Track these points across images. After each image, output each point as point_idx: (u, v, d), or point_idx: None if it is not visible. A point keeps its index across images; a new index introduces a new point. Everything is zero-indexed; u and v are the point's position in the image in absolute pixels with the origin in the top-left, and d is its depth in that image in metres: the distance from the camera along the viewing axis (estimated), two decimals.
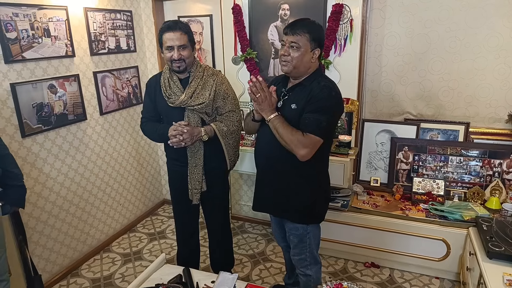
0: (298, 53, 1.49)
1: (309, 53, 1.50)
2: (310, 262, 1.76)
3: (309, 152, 1.48)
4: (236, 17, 2.53)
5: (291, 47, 1.49)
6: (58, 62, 2.28)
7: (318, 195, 1.67)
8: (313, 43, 1.49)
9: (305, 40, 1.47)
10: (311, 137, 1.47)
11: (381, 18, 2.45)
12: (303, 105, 1.51)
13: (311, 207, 1.66)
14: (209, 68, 1.91)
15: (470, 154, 2.39)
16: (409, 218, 2.27)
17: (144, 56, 3.07)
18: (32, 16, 2.08)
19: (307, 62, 1.52)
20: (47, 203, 2.30)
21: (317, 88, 1.50)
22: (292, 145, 1.48)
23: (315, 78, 1.55)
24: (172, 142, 1.77)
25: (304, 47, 1.48)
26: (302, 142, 1.47)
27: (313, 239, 1.74)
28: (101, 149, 2.69)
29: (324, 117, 1.47)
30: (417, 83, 2.50)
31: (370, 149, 2.66)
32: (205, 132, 1.82)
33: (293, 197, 1.64)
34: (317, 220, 1.72)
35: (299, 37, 1.47)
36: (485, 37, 2.26)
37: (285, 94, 1.60)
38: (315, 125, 1.46)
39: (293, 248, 1.76)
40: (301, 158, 1.50)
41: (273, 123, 1.52)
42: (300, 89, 1.56)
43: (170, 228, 3.04)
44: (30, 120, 2.13)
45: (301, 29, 1.48)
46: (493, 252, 1.73)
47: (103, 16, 2.58)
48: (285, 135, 1.49)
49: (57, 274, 2.40)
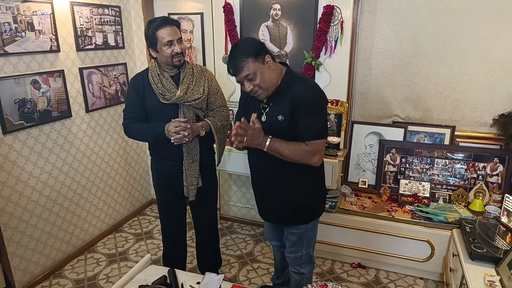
0: (258, 78, 1.42)
1: (264, 67, 1.44)
2: (305, 261, 1.76)
3: (320, 156, 1.49)
4: (227, 15, 2.51)
5: (249, 80, 1.43)
6: (42, 57, 2.22)
7: (315, 190, 1.68)
8: (259, 58, 1.42)
9: (251, 64, 1.41)
10: (316, 143, 1.46)
11: (371, 21, 2.47)
12: (290, 112, 1.45)
13: (311, 207, 1.67)
14: (196, 65, 1.93)
15: (456, 157, 2.44)
16: (395, 220, 2.30)
17: (133, 53, 3.01)
18: (15, 8, 2.01)
19: (271, 75, 1.46)
20: (30, 202, 2.24)
21: (300, 91, 1.44)
22: (302, 160, 1.47)
23: (289, 79, 1.49)
24: (175, 139, 1.75)
25: (257, 69, 1.42)
26: (310, 151, 1.46)
27: (312, 237, 1.75)
28: (86, 147, 2.63)
29: (319, 118, 1.47)
30: (405, 86, 2.52)
31: (358, 151, 2.68)
32: (202, 127, 1.83)
33: (294, 204, 1.62)
34: (317, 215, 1.72)
35: (245, 67, 1.41)
36: (472, 41, 2.30)
37: (266, 107, 1.54)
38: (315, 130, 1.46)
39: (290, 246, 1.76)
40: (315, 164, 1.50)
41: (271, 149, 1.47)
42: (280, 97, 1.49)
43: (157, 228, 3.00)
44: (11, 116, 2.06)
45: (239, 61, 1.41)
46: (475, 254, 1.76)
47: (90, 11, 2.52)
48: (290, 155, 1.46)
49: (39, 275, 2.34)
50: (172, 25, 1.74)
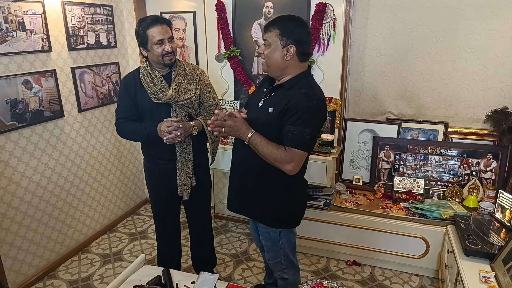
0: (268, 50, 1.44)
1: (280, 50, 1.41)
2: (286, 266, 1.73)
3: (295, 166, 1.44)
4: (219, 14, 2.50)
5: (265, 45, 1.46)
6: (33, 56, 2.20)
7: (291, 200, 1.60)
8: (284, 39, 1.40)
9: (274, 37, 1.41)
10: (295, 152, 1.41)
11: (364, 18, 2.46)
12: (279, 110, 1.43)
13: (282, 212, 1.60)
14: (188, 63, 1.92)
15: (449, 153, 2.44)
16: (389, 217, 2.30)
17: (126, 53, 3.00)
18: (5, 8, 2.00)
19: (278, 60, 1.43)
20: (22, 203, 2.22)
21: (296, 96, 1.40)
22: (276, 163, 1.44)
23: (297, 82, 1.45)
24: (168, 139, 1.73)
25: (274, 44, 1.42)
26: (286, 158, 1.41)
27: (287, 244, 1.68)
28: (79, 147, 2.62)
29: (307, 130, 1.39)
30: (398, 83, 2.53)
31: (352, 148, 2.68)
32: (194, 126, 1.82)
33: (264, 201, 1.59)
34: (290, 225, 1.65)
35: (269, 34, 1.43)
36: (464, 38, 2.31)
37: (266, 95, 1.54)
38: (298, 139, 1.40)
39: (268, 252, 1.73)
40: (288, 172, 1.45)
41: (251, 143, 1.46)
42: (280, 92, 1.48)
43: (152, 227, 2.98)
44: (3, 117, 2.04)
45: (272, 25, 1.42)
46: (470, 250, 1.76)
47: (82, 10, 2.51)
48: (267, 154, 1.43)
49: (33, 276, 2.33)
50: (163, 23, 1.72)
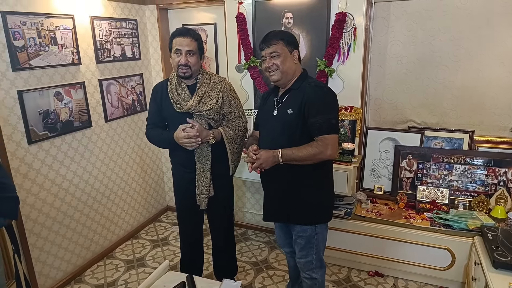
0: (280, 59, 1.59)
1: (289, 56, 1.61)
2: (316, 265, 1.77)
3: (333, 149, 1.55)
4: (240, 25, 2.56)
5: (272, 57, 1.60)
6: (64, 69, 2.31)
7: (325, 194, 1.71)
8: (289, 47, 1.60)
9: (282, 46, 1.59)
10: (328, 138, 1.54)
11: (385, 26, 2.46)
12: (298, 108, 1.58)
13: (319, 206, 1.69)
14: (215, 75, 1.95)
15: (475, 162, 2.38)
16: (413, 227, 2.26)
17: (149, 64, 3.10)
18: (39, 24, 2.12)
19: (291, 65, 1.62)
20: (52, 209, 2.32)
21: (309, 90, 1.58)
22: (317, 157, 1.54)
23: (303, 80, 1.64)
24: (183, 143, 1.79)
25: (283, 52, 1.59)
26: (323, 147, 1.53)
27: (321, 241, 1.75)
28: (105, 155, 2.71)
29: (331, 115, 1.55)
30: (420, 91, 2.49)
31: (373, 157, 2.65)
32: (213, 135, 1.85)
33: (300, 199, 1.67)
34: (325, 219, 1.74)
35: (275, 46, 1.59)
36: (489, 45, 2.26)
37: (278, 102, 1.68)
38: (326, 125, 1.54)
39: (300, 251, 1.77)
40: (331, 157, 1.58)
41: (286, 159, 1.57)
42: (292, 94, 1.64)
43: (173, 234, 3.04)
44: (36, 127, 2.15)
45: (274, 38, 1.60)
46: (499, 262, 1.71)
47: (109, 25, 2.62)
48: (306, 156, 1.54)
49: (61, 280, 2.41)
50: (186, 36, 1.77)
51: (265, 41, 1.61)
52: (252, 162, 1.60)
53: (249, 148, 1.65)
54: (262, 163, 1.58)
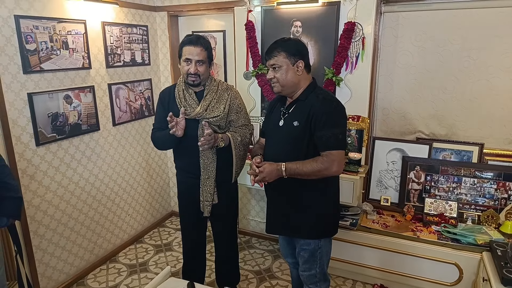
0: (280, 71, 1.56)
1: (291, 68, 1.55)
2: (319, 279, 1.73)
3: (339, 165, 1.52)
4: (248, 33, 2.58)
5: (273, 69, 1.57)
6: (74, 73, 2.35)
7: (329, 208, 1.67)
8: (292, 58, 1.55)
9: (282, 58, 1.55)
10: (334, 154, 1.50)
11: (393, 36, 2.45)
12: (305, 120, 1.54)
13: (323, 220, 1.65)
14: (223, 83, 1.96)
15: (484, 176, 2.33)
16: (420, 240, 2.21)
17: (158, 69, 3.13)
18: (51, 28, 2.16)
19: (293, 77, 1.57)
20: (57, 211, 2.33)
21: (317, 103, 1.54)
22: (322, 173, 1.51)
23: (310, 91, 1.59)
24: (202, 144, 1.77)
25: (284, 65, 1.55)
26: (328, 163, 1.49)
27: (324, 255, 1.72)
28: (112, 159, 2.73)
29: (338, 130, 1.52)
30: (429, 102, 2.47)
31: (380, 168, 2.62)
32: (222, 139, 1.84)
33: (304, 212, 1.64)
34: (329, 233, 1.71)
35: (276, 58, 1.56)
36: (499, 56, 2.23)
37: (285, 113, 1.64)
38: (333, 140, 1.50)
39: (303, 264, 1.74)
40: (336, 174, 1.54)
41: (290, 173, 1.53)
42: (299, 105, 1.60)
43: (177, 240, 3.03)
44: (44, 129, 2.18)
45: (275, 50, 1.56)
46: (508, 279, 1.66)
47: (120, 30, 2.66)
48: (310, 172, 1.51)
49: (63, 282, 2.41)
50: (197, 45, 1.77)
51: (268, 52, 1.59)
52: (255, 175, 1.56)
53: (253, 160, 1.62)
54: (265, 177, 1.54)
